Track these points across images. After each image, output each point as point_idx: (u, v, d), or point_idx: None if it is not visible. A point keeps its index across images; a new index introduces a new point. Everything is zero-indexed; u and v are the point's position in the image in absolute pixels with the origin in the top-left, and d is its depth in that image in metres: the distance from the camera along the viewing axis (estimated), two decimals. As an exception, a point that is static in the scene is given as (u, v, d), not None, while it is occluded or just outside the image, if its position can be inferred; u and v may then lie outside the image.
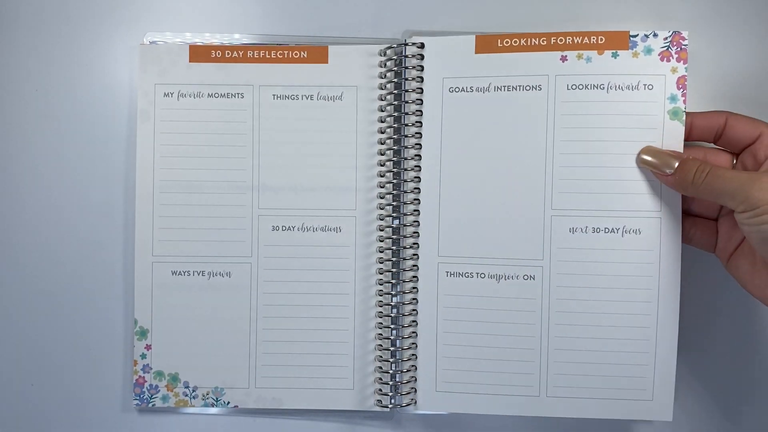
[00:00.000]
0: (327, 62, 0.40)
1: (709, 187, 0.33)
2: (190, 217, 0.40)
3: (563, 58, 0.38)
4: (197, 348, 0.40)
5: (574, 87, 0.38)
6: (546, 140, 0.38)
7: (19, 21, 0.41)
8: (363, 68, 0.40)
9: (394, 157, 0.39)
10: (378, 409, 0.40)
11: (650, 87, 0.37)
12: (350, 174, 0.40)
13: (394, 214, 0.40)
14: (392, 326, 0.39)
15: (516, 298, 0.38)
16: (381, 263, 0.40)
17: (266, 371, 0.40)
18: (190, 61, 0.40)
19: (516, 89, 0.38)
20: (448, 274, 0.39)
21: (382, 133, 0.40)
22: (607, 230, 0.37)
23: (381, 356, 0.39)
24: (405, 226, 0.39)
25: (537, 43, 0.38)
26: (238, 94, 0.40)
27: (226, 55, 0.40)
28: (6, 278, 0.41)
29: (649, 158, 0.36)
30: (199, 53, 0.40)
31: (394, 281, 0.39)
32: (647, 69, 0.37)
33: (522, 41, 0.38)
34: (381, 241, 0.40)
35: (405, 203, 0.39)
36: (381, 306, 0.40)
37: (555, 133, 0.38)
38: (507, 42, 0.38)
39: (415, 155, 0.39)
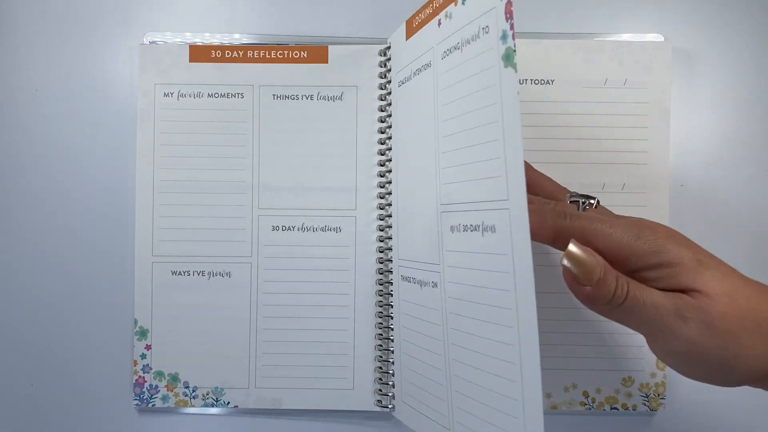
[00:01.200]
0: (327, 62, 0.40)
1: (628, 312, 0.27)
2: (190, 217, 0.40)
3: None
4: (197, 348, 0.40)
5: (447, 53, 0.31)
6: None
7: (19, 21, 0.41)
8: (363, 68, 0.40)
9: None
10: (378, 409, 0.40)
11: (486, 30, 0.28)
12: (350, 174, 0.40)
13: (394, 214, 0.40)
14: (392, 326, 0.39)
15: (434, 309, 0.33)
16: (381, 263, 0.40)
17: (266, 371, 0.40)
18: (190, 61, 0.40)
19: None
20: (402, 278, 0.37)
21: (382, 133, 0.40)
22: (472, 228, 0.30)
23: (381, 356, 0.39)
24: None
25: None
26: (238, 94, 0.40)
27: (226, 55, 0.40)
28: (6, 278, 0.41)
29: (571, 266, 0.27)
30: (199, 53, 0.40)
31: (393, 281, 0.39)
32: (478, 9, 0.29)
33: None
34: (381, 241, 0.40)
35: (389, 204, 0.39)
36: (381, 306, 0.40)
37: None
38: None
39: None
